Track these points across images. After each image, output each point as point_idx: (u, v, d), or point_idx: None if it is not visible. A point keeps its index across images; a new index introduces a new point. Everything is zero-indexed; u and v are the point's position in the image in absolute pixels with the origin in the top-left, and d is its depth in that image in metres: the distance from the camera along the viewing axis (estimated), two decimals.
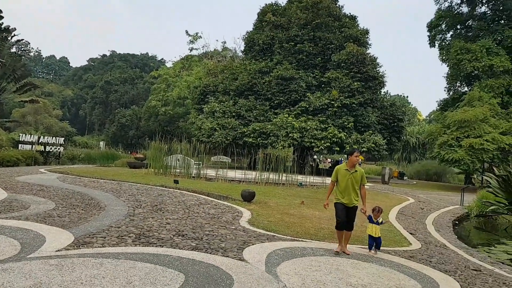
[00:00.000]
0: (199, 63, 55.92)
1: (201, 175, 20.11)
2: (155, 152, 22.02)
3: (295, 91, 31.54)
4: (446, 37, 36.96)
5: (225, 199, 12.71)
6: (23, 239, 5.90)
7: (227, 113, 32.29)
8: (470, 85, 33.82)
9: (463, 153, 25.32)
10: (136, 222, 7.85)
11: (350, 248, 7.26)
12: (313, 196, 15.53)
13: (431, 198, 20.09)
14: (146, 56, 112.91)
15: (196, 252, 5.90)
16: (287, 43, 33.63)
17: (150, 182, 16.01)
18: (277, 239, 7.41)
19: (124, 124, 67.13)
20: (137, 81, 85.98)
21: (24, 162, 23.75)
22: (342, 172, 6.92)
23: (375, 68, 32.21)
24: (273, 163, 19.80)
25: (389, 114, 33.02)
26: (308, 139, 29.46)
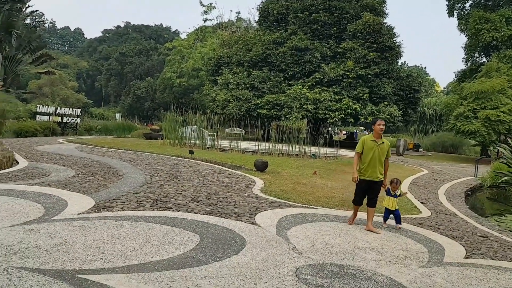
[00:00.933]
0: (213, 34, 55.56)
1: (215, 146, 20.40)
2: (170, 123, 22.32)
3: (310, 62, 31.31)
4: (465, 7, 35.98)
5: (239, 169, 12.97)
6: (46, 203, 6.22)
7: (241, 84, 32.31)
8: (489, 56, 33.10)
9: (479, 124, 25.07)
10: (153, 189, 8.15)
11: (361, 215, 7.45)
12: (326, 166, 15.70)
13: (445, 169, 20.11)
14: (160, 28, 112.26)
15: (210, 216, 6.16)
16: (302, 13, 33.20)
17: (166, 152, 16.34)
18: (288, 206, 7.64)
19: (140, 96, 67.52)
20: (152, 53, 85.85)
21: (42, 133, 24.28)
22: (369, 143, 6.36)
23: (391, 38, 31.72)
24: (286, 135, 19.95)
25: (406, 85, 32.66)
26: (322, 111, 29.43)
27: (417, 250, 5.45)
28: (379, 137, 6.42)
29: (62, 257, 3.96)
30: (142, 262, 4.01)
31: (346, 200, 8.93)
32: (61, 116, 27.19)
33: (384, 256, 5.02)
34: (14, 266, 3.61)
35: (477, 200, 14.06)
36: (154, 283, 3.50)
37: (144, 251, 4.33)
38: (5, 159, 9.72)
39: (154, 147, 18.60)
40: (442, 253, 5.46)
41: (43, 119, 26.00)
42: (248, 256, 4.48)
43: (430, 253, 5.38)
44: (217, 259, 4.27)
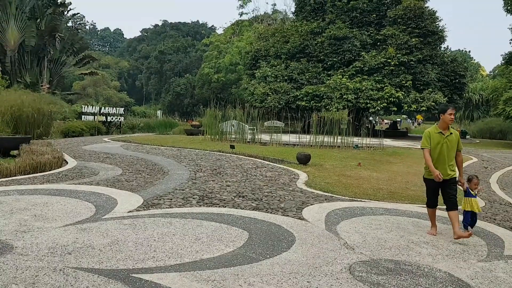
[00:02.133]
0: (250, 28, 55.52)
1: (256, 140, 20.37)
2: (211, 119, 22.48)
3: (349, 50, 30.70)
4: None
5: (281, 162, 12.87)
6: (96, 202, 6.36)
7: (279, 77, 32.12)
8: None
9: None
10: (198, 185, 8.19)
11: (411, 207, 7.20)
12: (370, 157, 15.35)
13: (495, 156, 19.22)
14: (197, 24, 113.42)
15: (257, 212, 6.11)
16: (339, 1, 32.56)
17: (207, 148, 16.47)
18: (335, 199, 7.48)
19: (179, 93, 68.53)
20: (190, 50, 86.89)
21: (88, 132, 25.06)
22: (435, 137, 5.42)
23: (434, 23, 30.59)
24: (327, 126, 19.66)
25: (450, 71, 31.44)
26: (364, 100, 28.83)
27: (475, 243, 5.19)
28: (446, 128, 5.45)
29: (115, 256, 4.01)
30: (193, 260, 4.00)
31: (394, 192, 8.67)
32: (105, 115, 27.98)
33: (441, 251, 4.80)
34: (70, 267, 3.68)
35: None
36: (207, 282, 3.48)
37: (195, 249, 4.32)
38: (55, 160, 10.05)
39: (196, 143, 18.80)
40: (501, 245, 5.18)
41: (88, 119, 26.83)
42: (299, 252, 4.39)
43: (488, 246, 5.12)
44: (267, 256, 4.21)
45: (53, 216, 5.41)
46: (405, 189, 9.17)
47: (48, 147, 12.31)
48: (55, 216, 5.41)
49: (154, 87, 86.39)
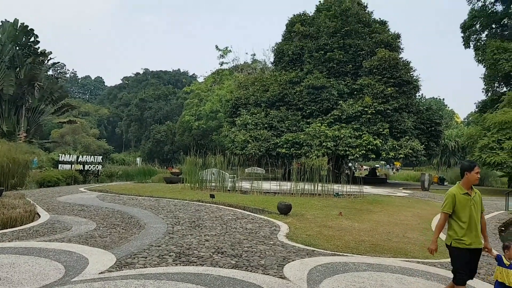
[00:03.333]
0: (230, 77, 56.43)
1: (236, 188, 20.13)
2: (190, 166, 22.22)
3: (327, 99, 31.30)
4: (481, 37, 35.94)
5: (262, 212, 12.65)
6: (67, 262, 6.03)
7: (259, 124, 32.36)
8: (509, 85, 32.66)
9: (505, 155, 24.37)
10: (176, 240, 7.90)
11: (394, 262, 7.05)
12: (351, 206, 15.24)
13: None
14: (178, 72, 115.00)
15: (236, 270, 5.86)
16: (316, 52, 33.51)
17: (187, 197, 16.14)
18: (317, 254, 7.28)
19: (159, 140, 68.37)
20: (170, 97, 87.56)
21: (64, 182, 24.47)
22: (461, 198, 4.76)
23: (408, 73, 31.61)
24: (307, 173, 19.61)
25: (426, 119, 32.23)
26: (343, 147, 29.10)
27: None
28: (470, 188, 4.86)
29: None
30: None
31: (376, 244, 8.52)
32: (82, 164, 27.49)
33: None
34: None
35: None
36: None
37: None
38: (26, 214, 9.65)
39: (175, 192, 18.45)
40: None
41: (65, 167, 26.30)
42: None
43: None
44: None
45: (19, 279, 5.07)
46: (387, 240, 9.03)
47: (21, 199, 11.88)
48: (21, 279, 5.07)
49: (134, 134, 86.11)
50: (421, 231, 10.63)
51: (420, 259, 7.37)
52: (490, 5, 35.37)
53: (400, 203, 17.28)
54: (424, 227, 11.43)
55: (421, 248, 8.45)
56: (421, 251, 8.09)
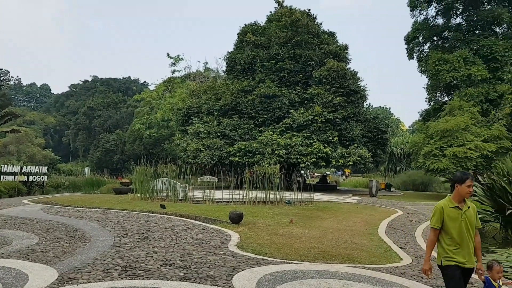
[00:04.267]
0: (182, 85, 55.98)
1: (188, 197, 19.89)
2: (141, 176, 21.74)
3: (279, 108, 31.70)
4: (423, 49, 37.66)
5: (213, 222, 12.56)
6: (5, 279, 5.72)
7: (211, 133, 32.25)
8: (450, 95, 34.37)
9: (447, 162, 25.58)
10: (122, 253, 7.68)
11: (341, 268, 7.19)
12: (302, 213, 15.45)
13: (419, 208, 20.17)
14: (128, 80, 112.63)
15: (184, 283, 5.78)
16: (268, 62, 33.91)
17: (136, 208, 15.77)
18: (266, 262, 7.30)
19: (109, 149, 66.62)
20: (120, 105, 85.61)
21: (7, 194, 23.27)
22: (451, 212, 4.33)
23: (356, 83, 32.61)
24: (260, 182, 19.71)
25: (373, 127, 33.35)
26: (294, 156, 29.51)
27: None
28: (462, 202, 4.37)
29: None
30: None
31: (325, 250, 8.66)
32: (26, 174, 26.25)
33: None
34: None
35: None
36: None
37: None
38: None
39: (124, 203, 17.97)
40: None
41: (8, 179, 24.99)
42: None
43: None
44: None
45: None
46: (335, 247, 9.21)
47: None
48: None
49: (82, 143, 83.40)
50: (368, 237, 10.93)
51: (366, 265, 7.56)
52: (431, 18, 37.20)
53: (349, 210, 17.70)
54: (371, 232, 11.76)
55: (368, 253, 8.68)
56: (367, 257, 8.31)
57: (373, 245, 9.76)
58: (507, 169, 13.91)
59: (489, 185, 14.07)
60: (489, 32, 34.12)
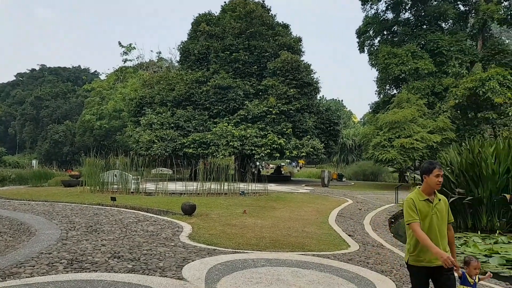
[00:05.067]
0: (134, 75, 54.68)
1: (140, 189, 19.57)
2: (91, 168, 21.15)
3: (233, 99, 31.66)
4: (374, 43, 38.66)
5: (165, 214, 12.44)
6: None
7: (165, 124, 31.77)
8: (399, 88, 35.57)
9: (395, 152, 26.50)
10: (69, 246, 7.46)
11: (291, 256, 7.32)
12: (255, 204, 15.58)
13: (368, 198, 20.83)
14: (78, 69, 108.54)
15: (132, 275, 5.69)
16: (222, 52, 33.72)
17: (85, 201, 15.36)
18: (218, 252, 7.32)
19: (58, 141, 64.21)
20: (70, 95, 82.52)
21: None
22: (421, 206, 3.92)
23: (309, 75, 33.05)
24: (214, 173, 19.67)
25: (325, 119, 34.02)
26: (249, 147, 29.63)
27: None
28: (432, 194, 3.98)
29: None
30: None
31: (276, 239, 8.79)
32: None
33: None
34: None
35: (401, 227, 14.59)
36: None
37: None
38: None
39: (73, 196, 17.46)
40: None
41: None
42: None
43: None
44: None
45: None
46: (287, 236, 9.36)
47: None
48: None
49: (29, 134, 79.81)
50: (319, 225, 11.18)
51: (315, 252, 7.74)
52: (382, 13, 38.19)
53: (302, 199, 18.03)
54: (321, 221, 12.04)
55: (318, 241, 8.89)
56: (317, 244, 8.51)
57: (323, 233, 10.00)
58: (450, 159, 14.58)
59: None
60: (436, 27, 35.49)
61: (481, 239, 10.82)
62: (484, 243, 10.41)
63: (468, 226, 13.28)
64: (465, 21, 37.04)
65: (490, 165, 12.72)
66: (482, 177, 12.84)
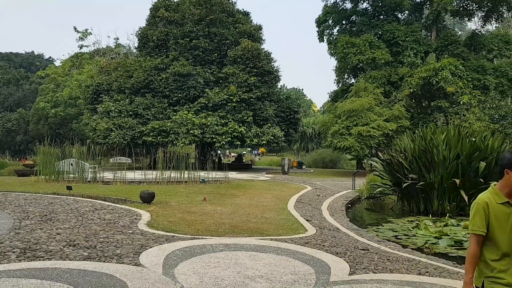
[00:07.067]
0: (91, 61, 53.03)
1: (98, 178, 19.15)
2: (45, 157, 20.49)
3: (194, 87, 31.35)
4: (333, 32, 39.15)
5: (123, 202, 12.27)
6: None
7: (123, 112, 31.11)
8: (357, 77, 36.30)
9: (353, 140, 27.17)
10: (22, 235, 7.25)
11: (249, 241, 7.42)
12: (216, 191, 15.62)
13: (327, 184, 21.30)
14: (31, 55, 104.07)
15: (88, 262, 5.62)
16: (182, 39, 33.23)
17: (40, 191, 14.90)
18: (176, 239, 7.32)
19: (10, 129, 61.70)
20: (23, 82, 79.21)
21: None
22: (498, 211, 2.89)
23: (269, 63, 33.12)
24: (174, 161, 19.51)
25: (286, 107, 34.32)
26: (209, 135, 29.51)
27: (305, 272, 5.53)
28: None
29: None
30: None
31: (235, 225, 8.88)
32: None
33: (274, 283, 4.99)
34: None
35: (357, 212, 15.06)
36: None
37: None
38: None
39: (27, 185, 16.89)
40: (328, 272, 5.61)
41: None
42: None
43: (317, 274, 5.49)
44: None
45: None
46: (246, 221, 9.47)
47: None
48: None
49: None
50: (278, 211, 11.37)
51: (273, 237, 7.88)
52: (340, 2, 38.67)
53: (262, 187, 18.22)
54: (281, 207, 12.24)
55: (276, 226, 9.05)
56: (275, 229, 8.66)
57: (281, 218, 10.17)
58: (403, 146, 15.11)
59: (388, 160, 15.22)
60: (392, 18, 36.38)
61: (432, 222, 11.31)
62: (435, 226, 10.89)
63: (421, 210, 13.86)
64: (420, 12, 38.10)
65: (441, 151, 13.26)
66: (434, 163, 13.39)
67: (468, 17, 38.50)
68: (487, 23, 36.85)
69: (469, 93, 28.86)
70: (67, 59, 60.04)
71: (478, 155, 12.91)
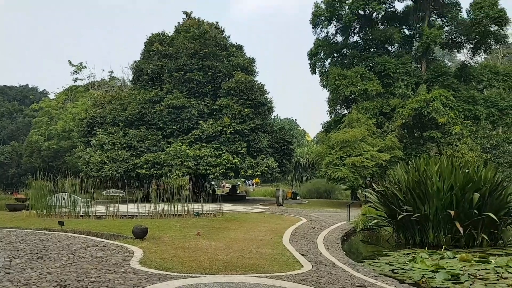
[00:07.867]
0: (85, 94, 53.31)
1: (90, 212, 18.94)
2: (38, 191, 20.31)
3: (188, 119, 31.50)
4: (325, 65, 39.83)
5: (116, 238, 12.10)
6: None
7: (117, 144, 31.08)
8: (349, 108, 36.74)
9: (347, 171, 27.22)
10: (12, 276, 7.10)
11: (244, 278, 7.31)
12: (210, 225, 15.47)
13: (322, 216, 21.17)
14: (25, 88, 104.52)
15: None
16: (176, 72, 33.59)
17: (31, 226, 14.70)
18: (169, 278, 7.19)
19: (3, 162, 61.41)
20: (16, 115, 79.33)
21: None
22: None
23: (263, 95, 33.47)
24: (167, 194, 19.39)
25: (279, 138, 34.49)
26: (203, 167, 29.45)
27: None
28: None
29: None
30: None
31: (230, 261, 8.75)
32: None
33: None
34: None
35: (353, 244, 14.94)
36: None
37: None
38: None
39: (18, 221, 16.68)
40: None
41: None
42: None
43: None
44: None
45: None
46: (241, 257, 9.34)
47: None
48: None
49: None
50: (273, 245, 11.25)
51: (269, 273, 7.76)
52: (332, 36, 39.49)
53: (256, 219, 18.06)
54: (276, 241, 12.11)
55: (271, 262, 8.93)
56: (271, 265, 8.54)
57: (277, 253, 10.06)
58: (397, 177, 15.14)
59: (382, 192, 15.21)
60: (383, 50, 37.14)
61: (428, 255, 11.23)
62: (431, 258, 10.81)
63: (416, 242, 13.77)
64: (410, 44, 38.95)
65: (435, 182, 13.30)
66: (428, 195, 13.40)
67: (457, 49, 39.37)
68: (476, 54, 37.67)
69: (461, 124, 29.22)
70: (61, 92, 60.40)
71: (471, 186, 12.96)
